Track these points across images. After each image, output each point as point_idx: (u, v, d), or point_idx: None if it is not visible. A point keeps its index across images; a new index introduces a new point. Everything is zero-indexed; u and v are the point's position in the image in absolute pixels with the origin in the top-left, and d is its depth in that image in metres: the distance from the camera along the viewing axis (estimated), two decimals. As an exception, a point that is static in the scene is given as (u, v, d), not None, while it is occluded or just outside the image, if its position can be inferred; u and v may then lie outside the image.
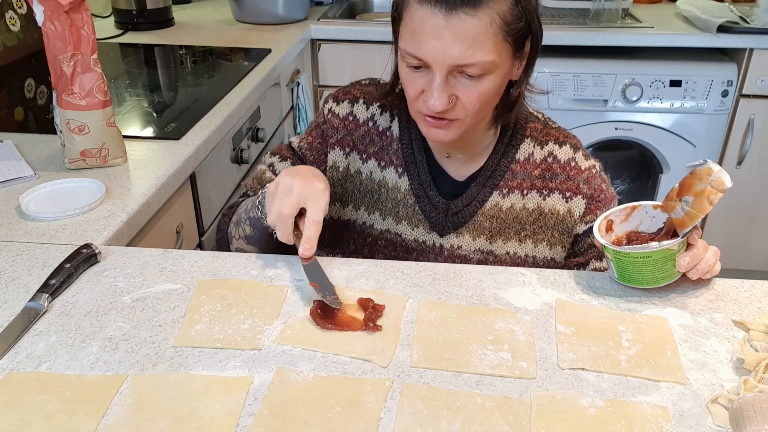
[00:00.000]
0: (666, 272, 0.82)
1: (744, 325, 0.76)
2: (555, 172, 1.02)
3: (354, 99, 1.06)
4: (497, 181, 1.02)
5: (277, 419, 0.64)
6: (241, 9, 2.28)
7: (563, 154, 1.02)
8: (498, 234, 1.02)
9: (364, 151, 1.06)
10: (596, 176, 1.02)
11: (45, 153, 1.23)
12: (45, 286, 0.81)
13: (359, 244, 1.07)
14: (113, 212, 1.03)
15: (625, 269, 0.83)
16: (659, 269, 0.82)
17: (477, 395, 0.67)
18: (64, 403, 0.66)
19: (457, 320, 0.78)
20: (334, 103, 1.07)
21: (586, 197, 1.01)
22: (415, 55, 0.85)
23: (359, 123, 1.06)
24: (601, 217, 0.88)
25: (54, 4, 1.04)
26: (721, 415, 0.65)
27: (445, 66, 0.84)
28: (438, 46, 0.83)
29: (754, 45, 2.13)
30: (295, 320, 0.78)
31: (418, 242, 1.05)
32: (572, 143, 1.04)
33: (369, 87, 1.07)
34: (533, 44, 0.92)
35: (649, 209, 0.89)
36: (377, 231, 1.06)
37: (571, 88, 2.21)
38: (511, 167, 1.02)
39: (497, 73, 0.87)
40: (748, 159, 2.29)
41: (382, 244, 1.06)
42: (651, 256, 0.81)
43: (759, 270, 2.48)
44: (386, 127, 1.05)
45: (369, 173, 1.06)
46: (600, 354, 0.73)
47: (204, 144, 1.32)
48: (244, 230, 1.00)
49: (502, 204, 1.01)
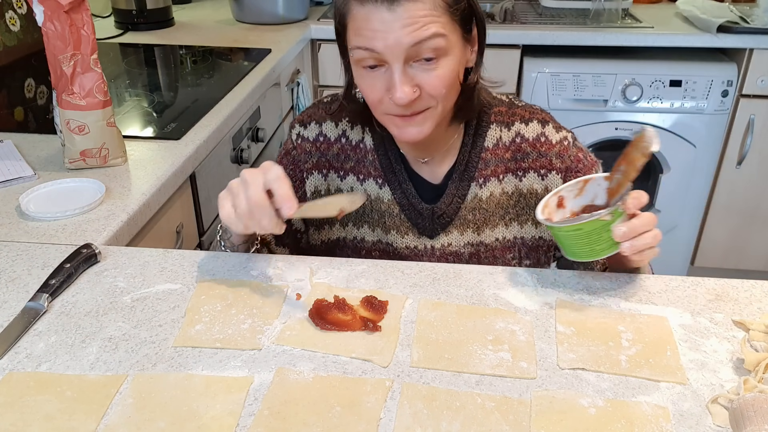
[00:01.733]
0: (603, 243, 0.81)
1: (744, 325, 0.76)
2: (525, 152, 1.01)
3: (320, 119, 1.05)
4: (472, 173, 1.01)
5: (277, 419, 0.64)
6: (241, 9, 2.28)
7: (530, 132, 1.01)
8: (484, 224, 1.03)
9: (341, 168, 1.05)
10: (569, 147, 1.01)
11: (45, 153, 1.23)
12: (45, 286, 0.81)
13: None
14: (113, 212, 1.03)
15: (564, 244, 0.83)
16: (595, 241, 0.81)
17: (477, 395, 0.67)
18: (64, 403, 0.66)
19: (457, 320, 0.78)
20: (301, 127, 1.06)
21: (561, 171, 1.00)
22: (368, 47, 0.85)
23: (331, 142, 1.05)
24: (550, 194, 0.87)
25: (54, 4, 1.04)
26: (721, 415, 0.65)
27: (401, 54, 0.84)
28: (389, 37, 0.83)
29: (754, 45, 2.13)
30: (294, 321, 0.79)
31: (409, 248, 1.05)
32: (539, 118, 1.02)
33: (332, 103, 1.05)
34: (479, 27, 0.93)
35: (601, 181, 0.87)
36: (369, 243, 1.06)
37: (571, 88, 2.21)
38: (482, 156, 1.01)
39: (452, 56, 0.88)
40: (748, 159, 2.29)
41: (376, 256, 1.06)
42: (582, 228, 0.80)
43: (759, 270, 2.48)
44: (359, 140, 1.04)
45: (349, 189, 1.05)
46: (600, 354, 0.73)
47: (204, 144, 1.32)
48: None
49: (481, 194, 1.02)
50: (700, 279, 0.88)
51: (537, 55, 2.24)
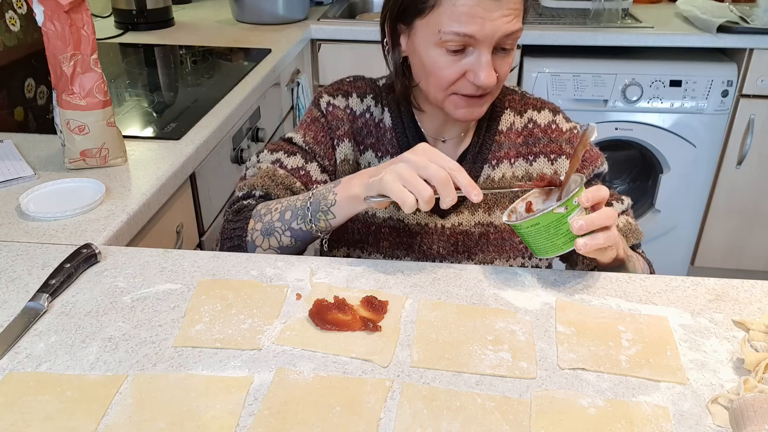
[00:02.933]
0: (563, 237, 0.82)
1: (744, 325, 0.76)
2: (537, 137, 1.06)
3: (347, 93, 1.08)
4: (485, 155, 1.06)
5: (277, 419, 0.64)
6: (241, 9, 2.28)
7: (543, 119, 1.07)
8: (495, 205, 1.06)
9: (362, 143, 1.08)
10: (577, 137, 1.05)
11: (45, 153, 1.23)
12: (45, 286, 0.81)
13: (363, 233, 1.08)
14: (113, 212, 1.03)
15: (528, 241, 0.85)
16: (553, 235, 0.82)
17: (477, 395, 0.67)
18: (64, 403, 0.66)
19: (457, 320, 0.78)
20: (330, 96, 1.08)
21: (569, 157, 1.04)
22: (466, 33, 0.89)
23: (356, 115, 1.07)
24: (518, 200, 0.90)
25: (54, 4, 1.04)
26: (721, 415, 0.65)
27: (492, 41, 0.90)
28: (488, 24, 0.89)
29: (754, 45, 2.14)
30: (294, 321, 0.78)
31: (420, 225, 1.06)
32: (551, 108, 1.08)
33: (356, 82, 1.09)
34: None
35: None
36: (380, 219, 1.07)
37: (571, 88, 2.21)
38: (496, 139, 1.06)
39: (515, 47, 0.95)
40: (748, 159, 2.29)
41: (386, 232, 1.07)
42: (538, 222, 0.82)
43: (759, 270, 2.48)
44: (380, 119, 1.07)
45: (367, 164, 1.08)
46: (600, 354, 0.73)
47: (204, 144, 1.32)
48: (279, 240, 0.96)
49: (494, 176, 1.06)
50: (700, 279, 0.88)
51: (537, 55, 2.24)
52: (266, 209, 0.98)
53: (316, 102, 1.09)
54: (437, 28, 0.91)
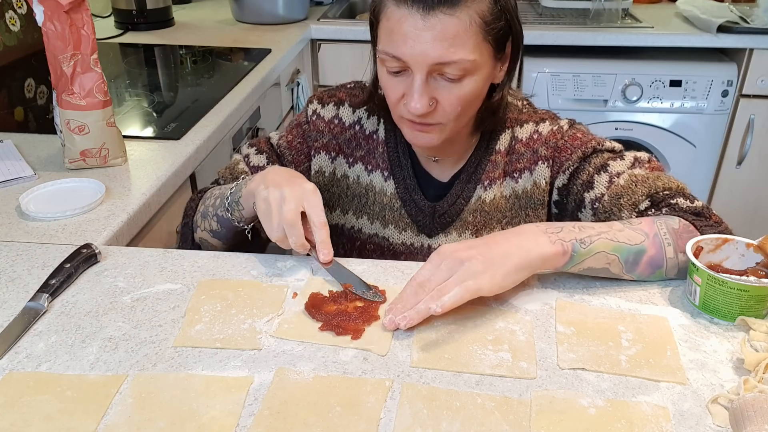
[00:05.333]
0: (754, 312, 0.78)
1: (747, 324, 0.76)
2: (520, 153, 1.00)
3: (339, 102, 1.05)
4: (479, 176, 1.01)
5: (277, 419, 0.64)
6: (241, 9, 2.28)
7: (524, 133, 1.00)
8: (483, 226, 1.02)
9: (351, 155, 1.05)
10: (562, 131, 0.99)
11: (45, 153, 1.23)
12: (45, 286, 0.81)
13: (348, 249, 1.07)
14: (113, 212, 1.03)
15: (714, 297, 0.79)
16: (750, 306, 0.78)
17: (477, 395, 0.67)
18: (64, 403, 0.66)
19: (457, 320, 0.78)
20: (318, 104, 1.05)
21: (547, 159, 0.98)
22: (394, 55, 0.84)
23: (345, 126, 1.05)
24: (692, 241, 0.82)
25: (54, 4, 1.04)
26: (721, 415, 0.65)
27: (425, 66, 0.83)
28: (417, 46, 0.82)
29: (754, 45, 2.13)
30: (291, 314, 0.79)
31: (405, 245, 1.05)
32: (535, 119, 1.01)
33: (354, 90, 1.06)
34: (514, 45, 0.91)
35: (741, 246, 0.84)
36: (365, 235, 1.06)
37: (571, 88, 2.21)
38: (491, 159, 1.01)
39: (478, 75, 0.86)
40: (748, 159, 2.29)
41: (370, 248, 1.06)
42: (748, 290, 0.76)
43: (759, 270, 2.48)
44: (372, 131, 1.04)
45: (356, 177, 1.05)
46: (600, 354, 0.73)
47: (204, 144, 1.32)
48: (210, 224, 0.99)
49: (485, 197, 1.01)
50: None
51: (537, 55, 2.24)
52: (210, 193, 1.02)
53: (307, 106, 1.08)
54: (379, 46, 0.88)
